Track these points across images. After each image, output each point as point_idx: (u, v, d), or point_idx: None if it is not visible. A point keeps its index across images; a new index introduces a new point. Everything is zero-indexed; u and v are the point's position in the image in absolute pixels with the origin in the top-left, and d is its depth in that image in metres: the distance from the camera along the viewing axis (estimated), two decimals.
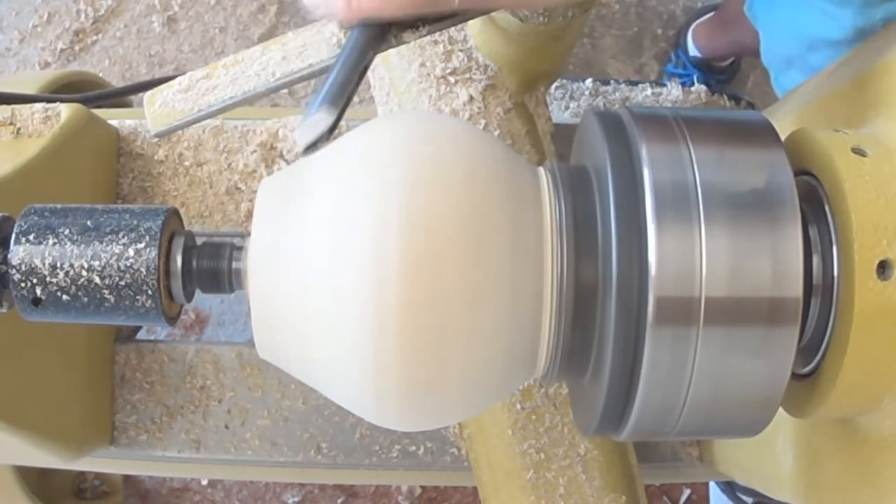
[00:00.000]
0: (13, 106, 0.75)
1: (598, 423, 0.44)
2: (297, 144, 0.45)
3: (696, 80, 1.10)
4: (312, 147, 0.44)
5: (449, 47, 0.73)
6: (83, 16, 1.63)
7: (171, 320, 0.44)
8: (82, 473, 1.28)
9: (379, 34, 0.45)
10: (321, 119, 0.43)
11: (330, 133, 0.44)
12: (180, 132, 0.82)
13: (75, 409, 0.77)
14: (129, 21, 1.64)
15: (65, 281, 0.41)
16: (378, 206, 0.40)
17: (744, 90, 1.58)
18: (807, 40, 0.76)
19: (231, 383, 0.82)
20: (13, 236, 0.42)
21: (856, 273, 0.41)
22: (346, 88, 0.44)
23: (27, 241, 0.41)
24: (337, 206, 0.41)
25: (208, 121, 0.75)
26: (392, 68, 0.75)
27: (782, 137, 0.44)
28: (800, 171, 0.46)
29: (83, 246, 0.41)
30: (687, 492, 1.45)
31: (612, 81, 1.09)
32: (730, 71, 1.57)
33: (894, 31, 0.53)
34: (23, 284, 0.41)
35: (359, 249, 0.39)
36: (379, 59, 0.76)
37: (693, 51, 1.53)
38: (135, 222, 0.42)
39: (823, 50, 0.73)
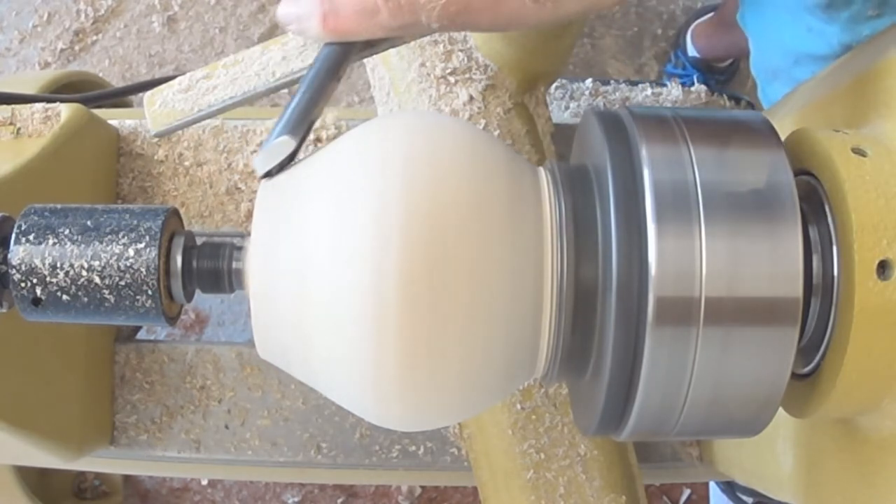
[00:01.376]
0: (13, 106, 0.75)
1: (598, 423, 0.44)
2: (257, 170, 0.44)
3: (695, 81, 1.10)
4: (271, 173, 0.44)
5: (449, 47, 0.73)
6: (83, 16, 1.63)
7: (171, 320, 0.44)
8: (82, 473, 1.28)
9: (348, 53, 0.44)
10: (282, 144, 0.43)
11: (291, 158, 0.44)
12: (180, 132, 0.82)
13: (75, 409, 0.77)
14: (129, 21, 1.64)
15: (65, 281, 0.41)
16: (378, 207, 0.40)
17: (744, 90, 1.58)
18: (793, 54, 0.76)
19: (231, 383, 0.82)
20: (13, 236, 0.42)
21: (856, 273, 0.41)
22: (309, 111, 0.43)
23: (27, 241, 0.41)
24: (337, 206, 0.41)
25: (208, 121, 0.75)
26: (392, 68, 0.75)
27: (782, 137, 0.44)
28: (800, 171, 0.46)
29: (83, 246, 0.41)
30: (687, 492, 1.45)
31: (612, 81, 1.09)
32: (729, 71, 1.57)
33: (894, 31, 0.53)
34: (23, 284, 0.41)
35: (359, 249, 0.39)
36: (379, 59, 0.76)
37: (692, 51, 1.54)
38: (135, 222, 0.42)
39: (809, 65, 0.73)
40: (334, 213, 0.41)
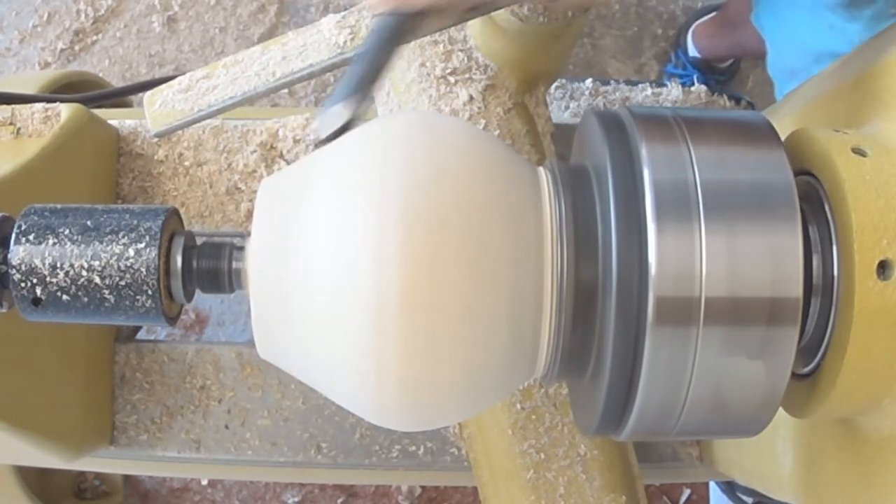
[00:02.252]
0: (13, 106, 0.75)
1: (598, 423, 0.44)
2: (314, 136, 0.44)
3: (695, 81, 1.10)
4: (328, 139, 0.44)
5: (449, 47, 0.73)
6: (83, 16, 1.63)
7: (171, 320, 0.44)
8: (82, 473, 1.28)
9: (406, 25, 0.44)
10: (339, 112, 0.43)
11: (347, 127, 0.44)
12: (180, 132, 0.82)
13: (75, 409, 0.77)
14: (129, 21, 1.64)
15: (65, 281, 0.41)
16: (378, 207, 0.40)
17: (744, 90, 1.58)
18: (813, 53, 0.75)
19: (231, 383, 0.82)
20: (13, 236, 0.42)
21: (856, 273, 0.41)
22: (368, 81, 0.44)
23: (27, 241, 0.41)
24: (337, 206, 0.41)
25: (208, 121, 0.75)
26: (392, 68, 0.75)
27: (782, 137, 0.44)
28: (800, 171, 0.46)
29: (83, 246, 0.41)
30: (687, 492, 1.45)
31: (612, 81, 1.09)
32: (729, 71, 1.57)
33: (894, 31, 0.53)
34: (23, 284, 0.41)
35: (359, 250, 0.39)
36: None
37: (693, 51, 1.53)
38: (135, 222, 0.42)
39: (829, 63, 0.73)
40: (335, 213, 0.41)
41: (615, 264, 0.40)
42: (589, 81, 1.08)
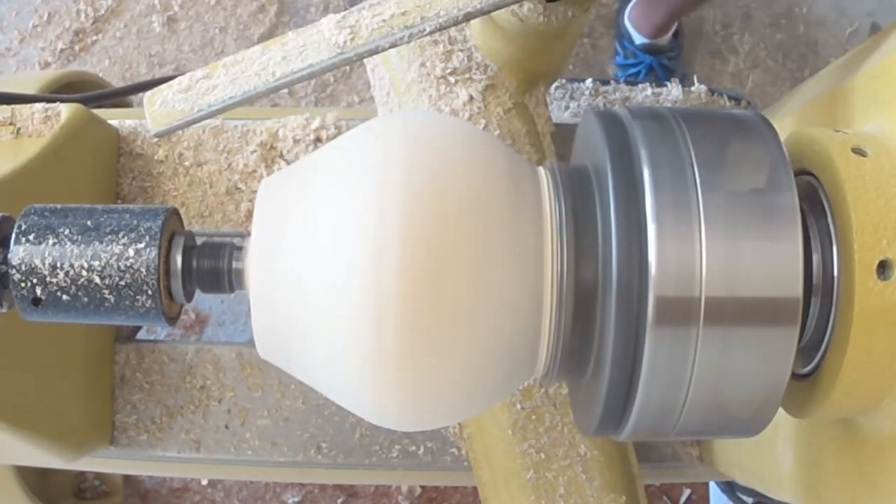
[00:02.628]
0: (13, 106, 0.75)
1: (598, 423, 0.44)
2: None
3: (651, 66, 1.08)
4: None
5: (449, 47, 0.73)
6: (83, 16, 1.63)
7: (171, 320, 0.44)
8: (82, 473, 1.28)
9: None
10: None
11: None
12: (180, 132, 0.82)
13: (75, 409, 0.77)
14: (129, 21, 1.64)
15: (65, 281, 0.41)
16: (378, 207, 0.40)
17: (743, 90, 1.58)
18: None
19: (231, 383, 0.82)
20: (13, 236, 0.42)
21: (856, 273, 0.41)
22: None
23: (27, 241, 0.41)
24: (337, 206, 0.41)
25: (208, 121, 0.75)
26: (392, 68, 0.75)
27: (782, 137, 0.44)
28: (800, 171, 0.46)
29: (83, 246, 0.41)
30: (687, 492, 1.45)
31: (612, 81, 1.09)
32: (676, 47, 1.54)
33: (895, 31, 0.53)
34: (23, 284, 0.41)
35: (359, 250, 0.39)
36: (379, 59, 0.76)
37: (638, 38, 1.52)
38: (135, 222, 0.42)
39: None
40: (334, 213, 0.41)
41: (615, 264, 0.40)
42: (589, 81, 1.08)
